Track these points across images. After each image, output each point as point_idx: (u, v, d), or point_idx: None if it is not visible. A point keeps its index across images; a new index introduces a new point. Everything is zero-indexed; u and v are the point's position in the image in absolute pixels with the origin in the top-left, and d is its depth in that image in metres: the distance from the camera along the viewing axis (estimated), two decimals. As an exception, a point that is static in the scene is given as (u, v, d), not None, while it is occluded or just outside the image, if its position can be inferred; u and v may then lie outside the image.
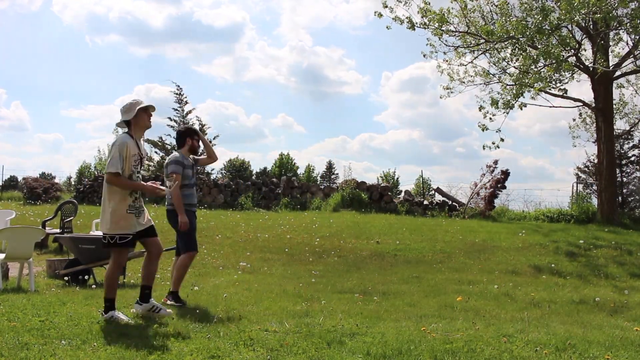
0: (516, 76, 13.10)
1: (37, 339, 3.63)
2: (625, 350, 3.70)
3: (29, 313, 4.45)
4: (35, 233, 6.70)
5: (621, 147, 18.49)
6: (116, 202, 4.30)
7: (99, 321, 4.22)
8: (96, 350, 3.40)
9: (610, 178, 14.44)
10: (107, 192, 4.35)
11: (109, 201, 4.33)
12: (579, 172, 19.65)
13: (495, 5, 13.42)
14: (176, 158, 5.48)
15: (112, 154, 4.28)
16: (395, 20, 13.61)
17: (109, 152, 4.38)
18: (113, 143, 4.43)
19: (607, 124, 14.28)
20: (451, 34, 13.86)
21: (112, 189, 4.32)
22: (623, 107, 16.78)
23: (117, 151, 4.27)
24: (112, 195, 4.32)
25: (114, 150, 4.28)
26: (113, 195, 4.31)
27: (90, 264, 6.98)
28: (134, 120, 4.46)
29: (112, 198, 4.31)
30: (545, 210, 15.44)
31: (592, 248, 10.57)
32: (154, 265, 4.61)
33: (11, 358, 3.12)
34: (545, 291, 7.35)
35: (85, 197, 18.32)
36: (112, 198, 4.31)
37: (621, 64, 14.33)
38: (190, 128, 5.80)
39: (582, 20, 12.71)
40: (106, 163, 4.33)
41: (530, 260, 9.63)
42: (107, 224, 4.31)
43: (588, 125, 17.19)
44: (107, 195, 4.35)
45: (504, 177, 15.57)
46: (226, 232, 11.89)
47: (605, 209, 14.01)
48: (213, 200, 17.40)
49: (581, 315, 5.68)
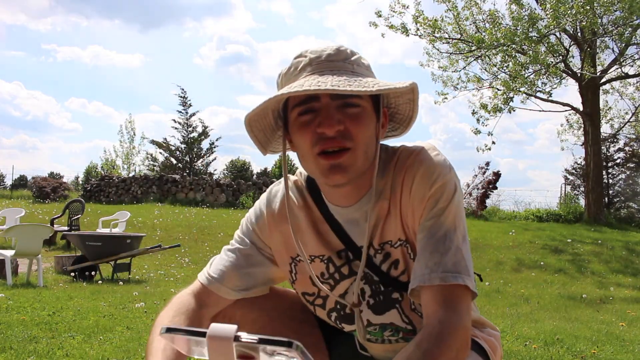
0: (504, 81, 13.52)
1: (46, 332, 3.66)
2: (610, 345, 3.77)
3: (37, 307, 4.50)
4: (44, 230, 6.71)
5: (607, 150, 19.00)
6: None
7: (105, 315, 4.29)
8: (102, 343, 3.43)
9: (597, 179, 14.80)
10: None
11: None
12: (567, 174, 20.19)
13: (486, 14, 13.82)
14: None
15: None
16: (391, 28, 13.97)
17: None
18: None
19: (594, 128, 14.64)
20: (444, 41, 14.26)
21: None
22: (608, 112, 17.31)
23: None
24: None
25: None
26: None
27: (97, 260, 7.09)
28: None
29: None
30: (535, 210, 15.83)
31: (579, 246, 10.88)
32: None
33: (20, 351, 3.13)
34: (534, 288, 7.63)
35: (92, 196, 18.61)
36: None
37: (607, 71, 14.77)
38: None
39: (570, 28, 13.17)
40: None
41: (520, 258, 9.93)
42: None
43: (575, 129, 17.69)
44: None
45: (496, 178, 16.00)
46: (228, 230, 12.11)
47: (592, 209, 14.37)
48: (215, 199, 17.71)
49: (569, 311, 5.83)
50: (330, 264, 1.22)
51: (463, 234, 1.10)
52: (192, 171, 27.72)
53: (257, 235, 1.28)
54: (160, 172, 20.61)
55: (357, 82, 1.00)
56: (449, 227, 1.08)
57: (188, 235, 11.79)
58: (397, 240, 1.16)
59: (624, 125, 17.16)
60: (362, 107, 1.07)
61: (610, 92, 16.69)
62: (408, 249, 1.16)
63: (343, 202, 1.18)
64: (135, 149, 30.43)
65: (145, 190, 18.62)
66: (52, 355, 3.10)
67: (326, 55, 1.08)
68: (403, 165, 1.13)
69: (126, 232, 10.11)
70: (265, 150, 1.17)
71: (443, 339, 0.99)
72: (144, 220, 13.22)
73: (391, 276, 1.19)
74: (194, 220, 13.61)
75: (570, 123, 17.61)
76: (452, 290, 1.04)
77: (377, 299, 1.22)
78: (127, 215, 11.40)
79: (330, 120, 1.03)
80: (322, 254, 1.22)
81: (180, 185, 18.61)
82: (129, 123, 30.86)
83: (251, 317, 1.31)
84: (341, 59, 1.08)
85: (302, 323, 1.37)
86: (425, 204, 1.10)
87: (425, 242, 1.08)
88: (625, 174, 21.28)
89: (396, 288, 1.19)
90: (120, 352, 3.22)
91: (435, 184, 1.09)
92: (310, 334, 1.37)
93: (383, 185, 1.15)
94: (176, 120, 24.84)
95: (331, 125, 1.03)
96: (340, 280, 1.23)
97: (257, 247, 1.28)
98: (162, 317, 1.20)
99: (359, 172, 1.09)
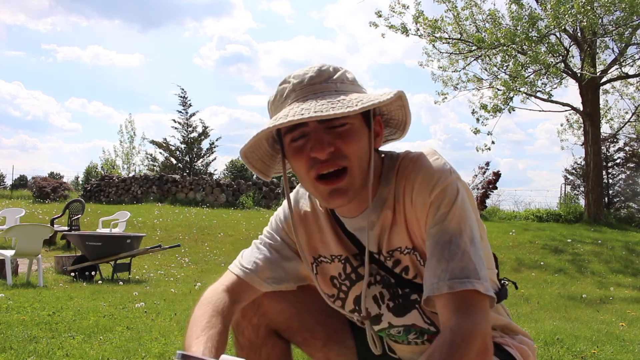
0: (505, 81, 13.53)
1: (46, 332, 3.66)
2: (610, 345, 3.77)
3: (37, 307, 4.50)
4: (44, 230, 6.72)
5: (607, 150, 19.01)
6: None
7: (105, 315, 4.29)
8: (102, 343, 3.43)
9: (597, 179, 14.81)
10: None
11: None
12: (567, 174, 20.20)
13: (486, 14, 13.83)
14: None
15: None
16: (391, 28, 13.97)
17: None
18: None
19: (594, 128, 14.65)
20: (444, 41, 14.26)
21: None
22: (608, 112, 17.32)
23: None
24: None
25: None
26: None
27: (97, 260, 7.10)
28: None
29: None
30: (535, 210, 15.85)
31: (579, 246, 10.89)
32: None
33: (20, 351, 3.14)
34: (534, 288, 7.63)
35: (92, 196, 18.66)
36: None
37: (607, 71, 14.78)
38: None
39: (570, 28, 13.17)
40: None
41: (519, 258, 9.96)
42: None
43: (575, 129, 17.70)
44: None
45: (496, 178, 16.01)
46: (228, 230, 12.16)
47: (592, 209, 14.38)
48: (215, 199, 17.73)
49: (569, 311, 5.84)
50: (348, 264, 1.26)
51: (471, 237, 1.07)
52: (192, 171, 27.73)
53: (286, 232, 1.32)
54: (160, 172, 20.65)
55: (340, 103, 1.01)
56: (453, 232, 1.06)
57: (188, 235, 11.79)
58: (405, 248, 1.17)
59: (624, 125, 17.20)
60: (351, 124, 1.08)
61: (611, 92, 16.73)
62: (417, 256, 1.17)
63: (347, 214, 1.21)
64: (135, 149, 30.53)
65: (145, 190, 18.62)
66: (52, 355, 3.10)
67: (308, 78, 1.09)
68: (404, 173, 1.13)
69: (126, 232, 10.10)
70: (267, 176, 1.22)
71: (456, 348, 0.97)
72: (144, 220, 13.23)
73: (405, 279, 1.20)
74: (194, 220, 13.62)
75: (570, 123, 17.65)
76: (462, 297, 1.02)
77: (396, 302, 1.23)
78: (127, 215, 11.40)
79: (321, 144, 1.06)
80: (340, 254, 1.26)
81: (180, 185, 18.61)
82: (129, 123, 30.98)
83: (279, 307, 1.34)
84: (323, 79, 1.09)
85: (331, 318, 1.38)
86: (427, 211, 1.09)
87: (432, 249, 1.08)
88: (625, 174, 21.30)
89: (413, 290, 1.20)
90: (120, 352, 3.23)
91: (435, 190, 1.08)
92: (338, 329, 1.38)
93: (387, 194, 1.16)
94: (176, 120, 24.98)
95: (322, 148, 1.05)
96: (356, 281, 1.26)
97: (287, 243, 1.32)
98: (198, 316, 1.18)
99: (359, 189, 1.11)
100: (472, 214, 1.11)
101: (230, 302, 1.24)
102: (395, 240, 1.17)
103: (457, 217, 1.07)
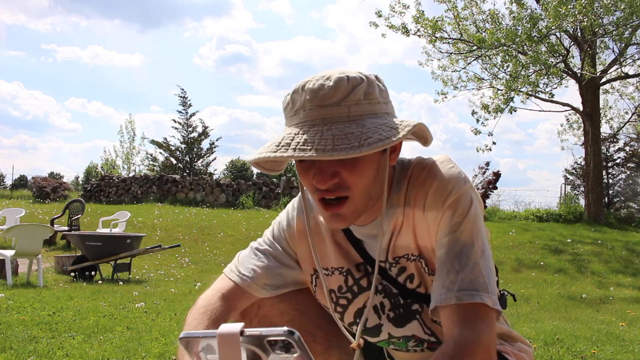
0: (506, 81, 13.54)
1: (46, 332, 3.67)
2: (610, 345, 3.77)
3: (37, 307, 4.50)
4: (44, 230, 6.72)
5: (607, 150, 19.02)
6: None
7: (105, 315, 4.29)
8: (102, 343, 3.44)
9: (597, 179, 14.81)
10: None
11: None
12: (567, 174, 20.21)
13: (485, 14, 13.84)
14: None
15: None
16: (391, 28, 13.97)
17: None
18: None
19: (594, 128, 14.65)
20: (445, 41, 14.27)
21: None
22: (608, 112, 17.33)
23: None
24: None
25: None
26: None
27: (97, 260, 7.11)
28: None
29: None
30: (535, 210, 15.84)
31: (579, 246, 10.90)
32: None
33: (20, 351, 3.14)
34: (534, 288, 7.64)
35: (92, 196, 18.68)
36: None
37: (607, 71, 14.78)
38: None
39: (570, 28, 13.17)
40: None
41: (519, 258, 9.95)
42: None
43: (575, 129, 17.70)
44: None
45: (496, 178, 16.00)
46: (228, 230, 12.17)
47: (592, 209, 14.38)
48: (215, 199, 17.74)
49: (568, 311, 5.85)
50: (349, 276, 1.23)
51: (482, 249, 1.06)
52: (192, 171, 27.75)
53: (287, 241, 1.30)
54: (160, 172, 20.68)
55: (345, 139, 0.94)
56: (465, 242, 1.05)
57: (188, 235, 11.80)
58: (411, 254, 1.15)
59: (624, 125, 17.21)
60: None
61: (610, 92, 16.72)
62: (422, 263, 1.15)
63: (357, 222, 1.16)
64: (135, 149, 30.52)
65: (145, 190, 18.63)
66: (52, 355, 3.10)
67: (321, 96, 1.00)
68: (416, 180, 1.11)
69: (126, 232, 10.11)
70: (278, 172, 1.18)
71: (457, 359, 0.96)
72: (144, 220, 13.24)
73: (409, 288, 1.18)
74: (194, 220, 13.63)
75: (570, 123, 17.64)
76: (469, 309, 1.00)
77: (397, 312, 1.21)
78: (127, 215, 11.40)
79: (324, 176, 1.02)
80: (342, 266, 1.23)
81: (180, 185, 18.62)
82: (129, 123, 30.96)
83: (280, 308, 1.31)
84: (337, 100, 1.00)
85: (332, 323, 1.34)
86: (440, 220, 1.07)
87: (442, 259, 1.06)
88: (625, 174, 21.31)
89: (415, 299, 1.18)
90: (120, 352, 3.23)
91: (449, 199, 1.06)
92: (338, 334, 1.34)
93: (397, 200, 1.14)
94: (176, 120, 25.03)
95: (324, 180, 1.02)
96: (359, 294, 1.23)
97: (287, 252, 1.30)
98: (193, 327, 1.16)
99: (361, 214, 1.09)
100: (483, 225, 1.10)
101: (226, 311, 1.22)
102: (401, 246, 1.16)
103: (470, 227, 1.06)
